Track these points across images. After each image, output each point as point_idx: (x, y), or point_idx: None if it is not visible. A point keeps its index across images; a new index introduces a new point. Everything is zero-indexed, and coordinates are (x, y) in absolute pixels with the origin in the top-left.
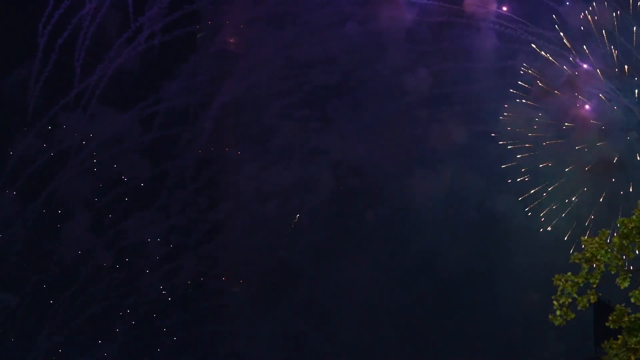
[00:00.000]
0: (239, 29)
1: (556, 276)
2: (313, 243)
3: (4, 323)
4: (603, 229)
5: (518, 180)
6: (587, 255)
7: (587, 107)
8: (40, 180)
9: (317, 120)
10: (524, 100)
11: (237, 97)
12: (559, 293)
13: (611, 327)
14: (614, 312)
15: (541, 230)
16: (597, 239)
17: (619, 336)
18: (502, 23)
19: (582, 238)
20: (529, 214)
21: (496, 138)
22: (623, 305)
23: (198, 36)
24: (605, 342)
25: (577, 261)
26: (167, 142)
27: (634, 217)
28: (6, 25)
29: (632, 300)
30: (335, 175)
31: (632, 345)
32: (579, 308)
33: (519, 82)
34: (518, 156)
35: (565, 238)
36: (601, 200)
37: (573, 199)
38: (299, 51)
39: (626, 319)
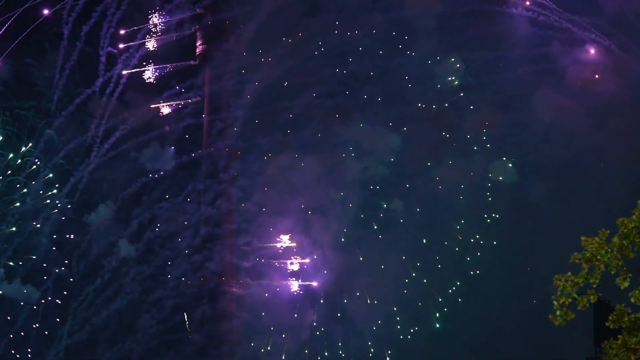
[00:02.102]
0: (271, 15)
1: (556, 276)
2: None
3: (26, 318)
4: (603, 229)
5: (552, 169)
6: (587, 255)
7: (625, 95)
8: (67, 171)
9: (347, 110)
10: (559, 88)
11: (269, 86)
12: (559, 293)
13: (611, 327)
14: (614, 312)
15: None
16: (597, 239)
17: (619, 336)
18: (535, 9)
19: (582, 238)
20: (564, 204)
21: (530, 127)
22: (623, 305)
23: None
24: (605, 342)
25: (577, 261)
26: (199, 131)
27: (634, 217)
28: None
29: (632, 300)
30: (365, 165)
31: (632, 345)
32: (579, 308)
33: (554, 70)
34: (553, 144)
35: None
36: None
37: (611, 190)
38: (332, 39)
39: (626, 319)
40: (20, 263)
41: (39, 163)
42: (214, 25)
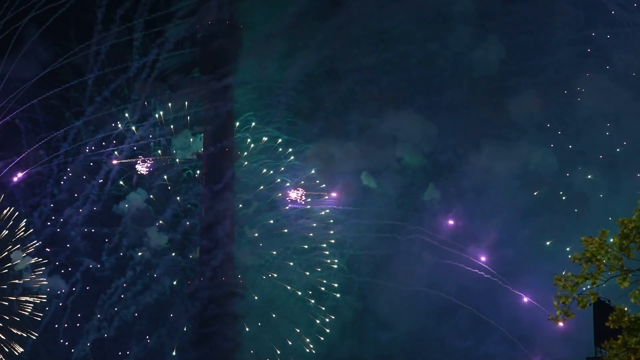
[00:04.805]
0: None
1: (556, 276)
2: (378, 227)
3: (54, 311)
4: (603, 229)
5: (596, 156)
6: (587, 255)
7: None
8: (98, 162)
9: (389, 96)
10: (604, 72)
11: (311, 71)
12: (559, 293)
13: (611, 327)
14: (614, 312)
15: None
16: (597, 239)
17: (619, 336)
18: None
19: (582, 238)
20: (608, 192)
21: (574, 112)
22: (623, 305)
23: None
24: (605, 342)
25: (577, 261)
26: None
27: (634, 217)
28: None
29: (632, 300)
30: (405, 152)
31: (632, 345)
32: (579, 308)
33: (598, 53)
34: (598, 131)
35: None
36: None
37: None
38: (372, 23)
39: (626, 319)
40: (49, 255)
41: (69, 151)
42: (251, 8)
